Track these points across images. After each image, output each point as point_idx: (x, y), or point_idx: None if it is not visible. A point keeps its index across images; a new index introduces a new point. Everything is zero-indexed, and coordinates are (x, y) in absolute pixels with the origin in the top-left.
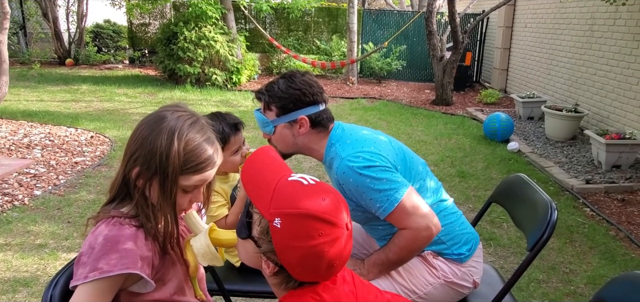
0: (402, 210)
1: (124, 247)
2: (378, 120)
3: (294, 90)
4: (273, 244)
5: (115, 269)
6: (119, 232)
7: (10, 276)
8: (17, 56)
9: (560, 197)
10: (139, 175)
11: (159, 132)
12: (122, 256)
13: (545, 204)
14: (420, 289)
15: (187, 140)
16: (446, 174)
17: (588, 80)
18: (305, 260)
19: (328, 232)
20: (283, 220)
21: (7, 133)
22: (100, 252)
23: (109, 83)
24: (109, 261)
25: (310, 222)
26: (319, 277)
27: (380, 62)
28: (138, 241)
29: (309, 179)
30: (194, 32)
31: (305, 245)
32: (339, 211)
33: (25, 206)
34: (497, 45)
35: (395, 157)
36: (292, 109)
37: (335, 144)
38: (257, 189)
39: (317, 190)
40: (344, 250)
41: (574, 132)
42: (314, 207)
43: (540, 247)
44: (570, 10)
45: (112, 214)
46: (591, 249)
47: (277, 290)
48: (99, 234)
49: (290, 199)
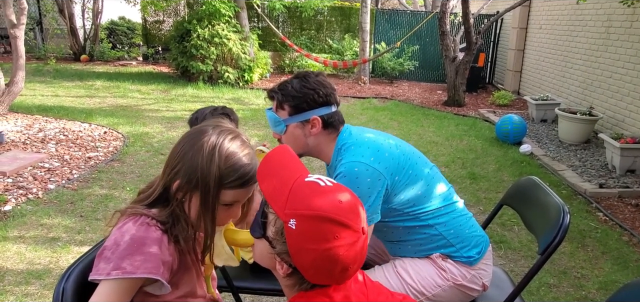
0: None
1: (149, 250)
2: (389, 121)
3: (307, 89)
4: (287, 246)
5: (138, 271)
6: (146, 233)
7: (24, 268)
8: (33, 52)
9: (573, 201)
10: (179, 188)
11: (200, 147)
12: (146, 259)
13: (557, 207)
14: (428, 291)
15: (227, 155)
16: (457, 175)
17: (603, 83)
18: (319, 263)
19: (344, 236)
20: (298, 221)
21: (23, 127)
22: (125, 251)
23: (123, 79)
24: (133, 262)
25: (325, 225)
26: (333, 281)
27: (392, 62)
28: (162, 246)
29: (326, 180)
30: (207, 30)
31: (319, 248)
32: (356, 214)
33: (39, 200)
34: (511, 47)
35: (395, 166)
36: (305, 108)
37: (341, 148)
38: (273, 189)
39: (334, 192)
40: (359, 254)
41: (588, 136)
42: (330, 210)
43: (551, 251)
44: (586, 11)
45: (141, 212)
46: (603, 254)
47: (289, 291)
48: (126, 231)
49: (306, 200)
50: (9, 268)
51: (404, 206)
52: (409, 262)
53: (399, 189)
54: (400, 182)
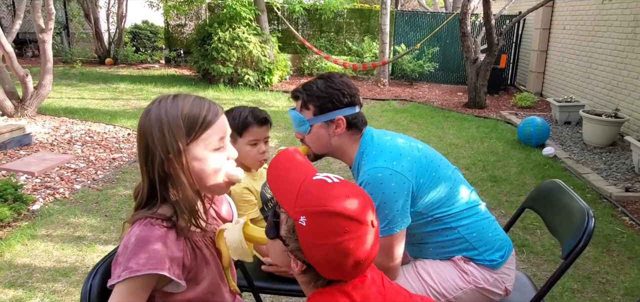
0: (380, 245)
1: (152, 247)
2: (409, 123)
3: (333, 90)
4: (299, 243)
5: (143, 268)
6: (150, 232)
7: (51, 266)
8: (60, 55)
9: (598, 205)
10: (159, 168)
11: (153, 124)
12: (151, 257)
13: (582, 211)
14: (449, 293)
15: (177, 110)
16: (478, 178)
17: (630, 84)
18: (331, 257)
19: (353, 230)
20: (308, 218)
21: (50, 129)
22: (131, 252)
23: (146, 82)
24: (138, 261)
25: (334, 220)
26: (346, 276)
27: (412, 64)
28: (168, 242)
29: (333, 177)
30: (227, 33)
31: (330, 242)
32: (364, 209)
33: (65, 199)
34: (534, 48)
35: (418, 169)
36: (330, 108)
37: (364, 152)
38: (283, 189)
39: (342, 188)
40: (370, 248)
41: (613, 138)
42: (338, 205)
43: (575, 256)
44: (611, 11)
45: (145, 215)
46: (630, 259)
47: (306, 288)
48: (132, 234)
49: (315, 197)
50: (37, 266)
51: (428, 208)
52: (430, 264)
53: (423, 192)
54: (425, 185)
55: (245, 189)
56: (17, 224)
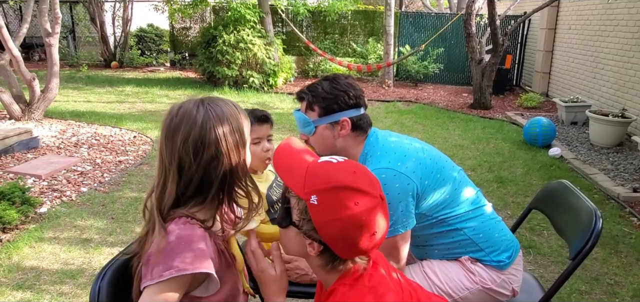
0: (384, 245)
1: (198, 246)
2: (414, 124)
3: (338, 91)
4: (313, 222)
5: (190, 267)
6: (193, 231)
7: (59, 268)
8: (66, 59)
9: (606, 206)
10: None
11: (216, 123)
12: (197, 256)
13: (589, 212)
14: (456, 293)
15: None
16: (484, 179)
17: (637, 84)
18: (345, 232)
19: (363, 202)
20: (319, 196)
21: (57, 132)
22: (174, 250)
23: (151, 85)
24: (185, 259)
25: (345, 193)
26: (361, 251)
27: (417, 65)
28: (208, 242)
29: (337, 158)
30: (232, 36)
31: (343, 216)
32: (371, 181)
33: (72, 202)
34: (539, 48)
35: (423, 170)
36: (335, 110)
37: (368, 153)
38: (291, 174)
39: (347, 165)
40: (381, 221)
41: (620, 139)
42: (346, 179)
43: (583, 257)
44: (617, 11)
45: (181, 214)
46: (638, 260)
47: (325, 273)
48: (170, 232)
49: (323, 176)
50: (45, 268)
51: (433, 210)
52: (436, 263)
53: (428, 194)
54: (429, 187)
55: None
56: (24, 227)
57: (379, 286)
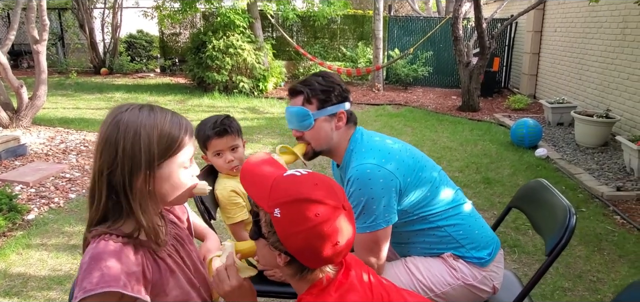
0: (365, 240)
1: (106, 264)
2: (403, 127)
3: (334, 84)
4: (278, 234)
5: (97, 287)
6: (104, 248)
7: (46, 274)
8: (55, 66)
9: (590, 205)
10: (125, 182)
11: (126, 135)
12: (103, 274)
13: (564, 208)
14: (438, 288)
15: (156, 126)
16: (471, 180)
17: (620, 84)
18: (309, 242)
19: (323, 212)
20: (282, 209)
21: (45, 139)
22: (85, 271)
23: (141, 91)
24: (91, 280)
25: (305, 205)
26: (326, 260)
27: (406, 69)
28: (123, 257)
29: (302, 171)
30: (222, 41)
31: (304, 228)
32: (332, 192)
33: (60, 209)
34: (526, 50)
35: (405, 168)
36: (333, 102)
37: (353, 150)
38: (257, 188)
39: (309, 178)
40: (345, 230)
41: (605, 139)
42: (306, 192)
43: (558, 252)
44: (601, 13)
45: (104, 231)
46: (620, 257)
47: (295, 282)
48: (87, 253)
49: (286, 189)
50: (32, 274)
51: (414, 207)
52: (419, 259)
53: (410, 191)
54: (411, 184)
55: (233, 193)
56: (12, 234)
57: (347, 293)
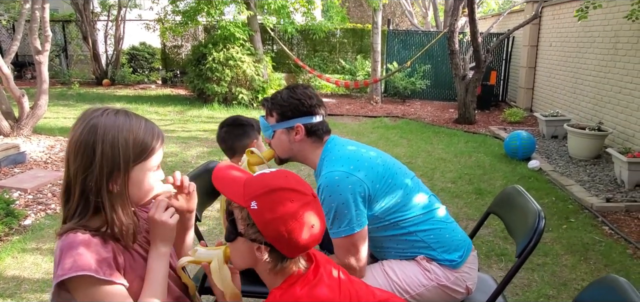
0: (344, 244)
1: (77, 252)
2: (399, 139)
3: (293, 99)
4: (257, 226)
5: (69, 272)
6: (73, 239)
7: (40, 278)
8: (58, 76)
9: (579, 215)
10: (97, 183)
11: (102, 138)
12: (75, 260)
13: (534, 212)
14: (413, 289)
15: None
16: (463, 191)
17: (613, 98)
18: (286, 226)
19: (298, 198)
20: (258, 200)
21: (45, 148)
22: (57, 263)
23: (142, 102)
24: (64, 267)
25: (281, 193)
26: (303, 246)
27: (404, 81)
28: (92, 245)
29: (270, 170)
30: (222, 53)
31: (282, 212)
32: (302, 183)
33: (57, 214)
34: (523, 64)
35: (374, 175)
36: (289, 116)
37: (324, 158)
38: (230, 189)
39: (279, 173)
40: (318, 216)
41: (598, 151)
42: (280, 182)
43: (527, 255)
44: (594, 28)
45: (73, 227)
46: (606, 266)
47: (272, 277)
48: (57, 247)
49: (259, 183)
50: (26, 277)
51: (385, 213)
52: (395, 263)
53: (380, 197)
54: (381, 190)
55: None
56: (8, 239)
57: (315, 287)
